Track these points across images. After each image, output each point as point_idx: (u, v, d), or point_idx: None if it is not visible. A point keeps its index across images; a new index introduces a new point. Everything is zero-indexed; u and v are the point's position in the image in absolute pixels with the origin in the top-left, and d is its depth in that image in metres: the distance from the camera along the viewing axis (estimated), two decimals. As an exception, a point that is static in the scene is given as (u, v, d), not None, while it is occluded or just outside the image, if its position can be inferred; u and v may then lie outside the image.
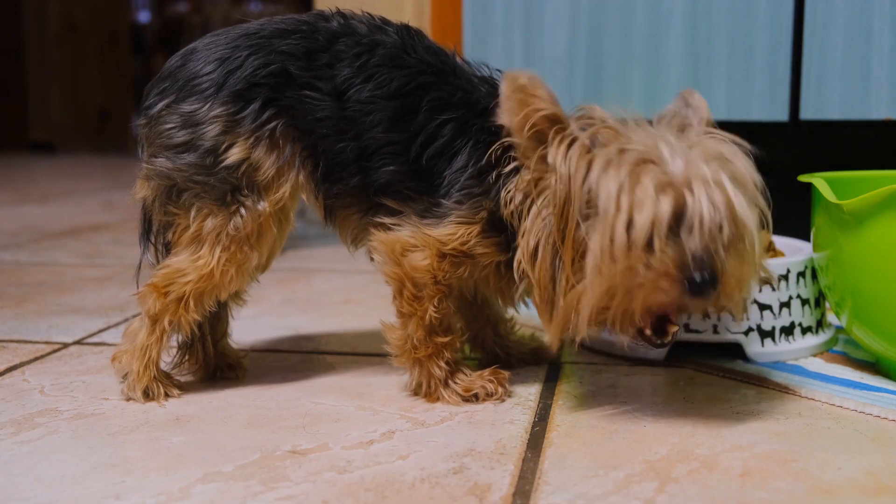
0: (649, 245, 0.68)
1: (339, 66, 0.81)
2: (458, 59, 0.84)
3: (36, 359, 0.98)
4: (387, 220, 0.81)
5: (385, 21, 0.84)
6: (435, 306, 0.81)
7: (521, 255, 0.76)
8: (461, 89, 0.81)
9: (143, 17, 5.93)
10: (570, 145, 0.73)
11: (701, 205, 0.68)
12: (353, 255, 0.91)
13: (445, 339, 0.82)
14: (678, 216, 0.68)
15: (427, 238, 0.80)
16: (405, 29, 0.84)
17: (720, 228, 0.69)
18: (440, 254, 0.80)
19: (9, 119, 5.33)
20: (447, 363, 0.82)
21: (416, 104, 0.80)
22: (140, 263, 0.88)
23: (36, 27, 5.29)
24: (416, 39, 0.83)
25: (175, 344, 0.88)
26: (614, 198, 0.69)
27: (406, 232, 0.80)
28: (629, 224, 0.68)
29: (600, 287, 0.70)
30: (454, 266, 0.80)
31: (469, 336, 0.94)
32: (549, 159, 0.74)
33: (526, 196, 0.76)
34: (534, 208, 0.75)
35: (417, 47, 0.83)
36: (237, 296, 0.92)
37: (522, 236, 0.76)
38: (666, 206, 0.68)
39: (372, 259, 0.85)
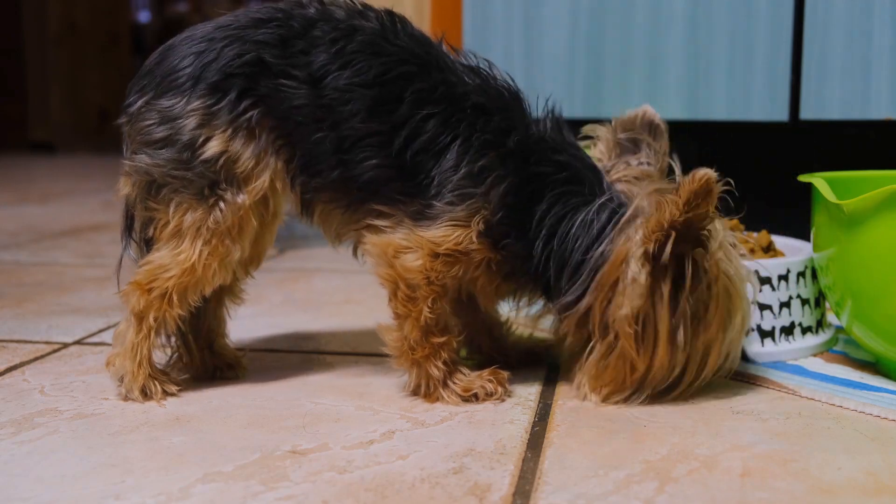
0: None
1: (315, 52, 0.80)
2: (443, 49, 0.83)
3: (36, 359, 0.98)
4: (378, 223, 0.81)
5: (366, 6, 0.83)
6: (429, 307, 0.80)
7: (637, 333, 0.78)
8: (444, 83, 0.80)
9: (143, 17, 5.93)
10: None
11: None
12: (338, 250, 0.90)
13: (442, 340, 0.82)
14: None
15: (420, 240, 0.79)
16: (388, 14, 0.83)
17: None
18: (433, 254, 0.79)
19: (9, 119, 5.33)
20: (445, 363, 0.82)
21: (397, 94, 0.79)
22: (121, 260, 0.88)
23: (36, 27, 5.29)
24: (398, 26, 0.82)
25: (164, 343, 0.88)
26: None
27: (398, 234, 0.80)
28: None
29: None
30: (447, 266, 0.80)
31: (465, 339, 0.94)
32: (709, 261, 0.78)
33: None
34: (664, 295, 0.77)
35: (400, 34, 0.82)
36: (235, 294, 0.91)
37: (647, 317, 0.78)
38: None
39: (355, 254, 0.85)
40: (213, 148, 0.79)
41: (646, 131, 0.86)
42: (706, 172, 0.74)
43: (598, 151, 0.88)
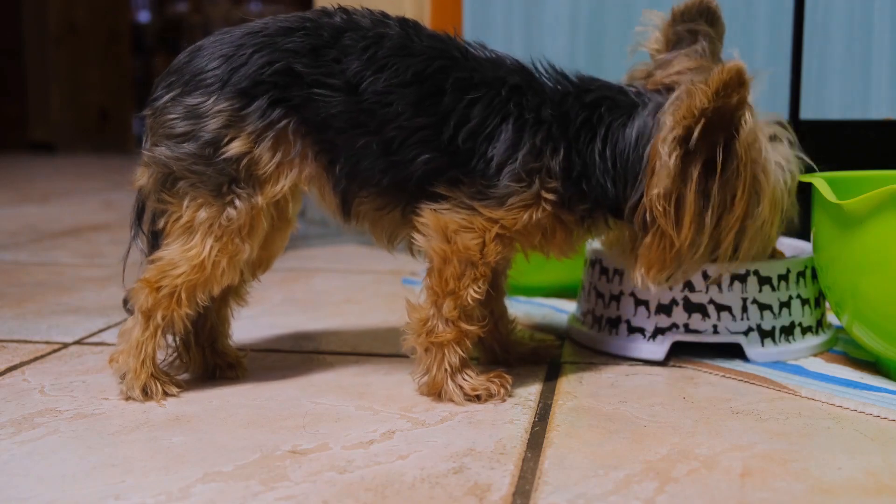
0: None
1: (348, 60, 0.81)
2: (461, 42, 0.85)
3: (36, 359, 0.98)
4: (435, 207, 0.82)
5: (385, 15, 0.85)
6: (478, 287, 0.82)
7: (669, 217, 0.81)
8: (476, 70, 0.82)
9: (143, 17, 5.94)
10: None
11: None
12: (393, 253, 0.91)
13: (470, 328, 0.83)
14: None
15: (483, 222, 0.81)
16: (404, 21, 0.85)
17: None
18: (495, 235, 0.81)
19: (9, 119, 5.33)
20: (464, 352, 0.83)
21: (438, 87, 0.81)
22: (128, 250, 0.88)
23: (36, 27, 5.30)
24: (416, 29, 0.84)
25: (169, 344, 0.88)
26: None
27: (459, 215, 0.81)
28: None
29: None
30: (504, 246, 0.82)
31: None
32: (738, 148, 0.81)
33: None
34: (693, 178, 0.81)
35: (421, 36, 0.84)
36: (239, 295, 0.92)
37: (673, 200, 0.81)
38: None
39: (412, 253, 0.86)
40: (235, 148, 0.80)
41: (703, 19, 0.88)
42: (736, 63, 0.77)
43: (654, 41, 0.90)
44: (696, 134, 0.79)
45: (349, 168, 0.82)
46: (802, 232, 1.01)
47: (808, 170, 0.90)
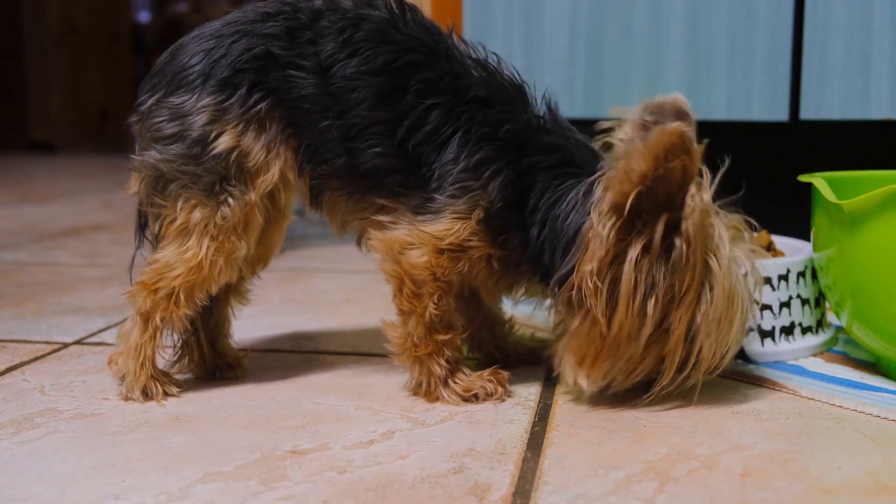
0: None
1: (323, 41, 0.80)
2: (453, 39, 0.83)
3: (36, 359, 0.98)
4: (383, 219, 0.81)
5: None
6: (435, 303, 0.80)
7: (597, 298, 0.75)
8: (450, 73, 0.80)
9: (143, 17, 5.93)
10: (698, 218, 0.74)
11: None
12: (343, 238, 0.90)
13: (446, 337, 0.82)
14: None
15: (423, 235, 0.79)
16: (397, 3, 0.83)
17: None
18: (437, 250, 0.79)
19: (9, 119, 5.33)
20: (448, 361, 0.82)
21: (404, 83, 0.79)
22: (133, 258, 0.88)
23: (36, 27, 5.29)
24: (407, 15, 0.82)
25: (170, 344, 0.88)
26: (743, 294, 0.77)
27: (402, 231, 0.80)
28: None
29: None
30: (452, 261, 0.80)
31: (466, 336, 0.94)
32: (685, 228, 0.73)
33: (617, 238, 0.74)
34: (630, 256, 0.74)
35: (409, 23, 0.82)
36: (240, 294, 0.92)
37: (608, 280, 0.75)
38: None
39: (359, 245, 0.86)
40: (224, 143, 0.80)
41: (672, 117, 0.81)
42: (678, 126, 0.70)
43: (623, 133, 0.85)
44: (630, 200, 0.72)
45: (312, 149, 0.81)
46: (802, 232, 1.01)
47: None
